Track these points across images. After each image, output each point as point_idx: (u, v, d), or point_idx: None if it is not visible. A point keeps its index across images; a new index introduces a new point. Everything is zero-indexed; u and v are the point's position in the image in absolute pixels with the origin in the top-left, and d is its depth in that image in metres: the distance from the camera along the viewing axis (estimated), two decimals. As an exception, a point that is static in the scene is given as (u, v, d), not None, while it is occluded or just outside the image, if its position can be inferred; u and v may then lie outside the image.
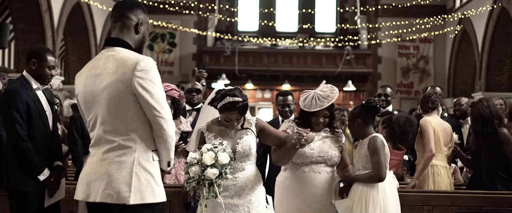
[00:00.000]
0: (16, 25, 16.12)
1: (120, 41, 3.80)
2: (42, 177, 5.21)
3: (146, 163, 3.69)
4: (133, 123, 3.67)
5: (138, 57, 3.68)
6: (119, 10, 3.86)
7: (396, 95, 19.77)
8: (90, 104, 3.76)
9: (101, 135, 3.72)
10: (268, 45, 25.10)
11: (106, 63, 3.72)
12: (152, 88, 3.63)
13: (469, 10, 20.01)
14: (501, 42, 18.95)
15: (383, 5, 22.71)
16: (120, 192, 3.60)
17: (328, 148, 5.25)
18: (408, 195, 6.33)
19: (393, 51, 24.50)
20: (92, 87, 3.74)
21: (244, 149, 4.91)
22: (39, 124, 5.22)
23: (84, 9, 19.15)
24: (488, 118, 6.81)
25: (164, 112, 3.67)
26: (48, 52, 5.42)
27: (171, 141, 3.75)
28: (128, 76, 3.61)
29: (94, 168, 3.71)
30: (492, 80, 19.34)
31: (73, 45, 19.83)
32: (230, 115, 4.88)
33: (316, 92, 5.19)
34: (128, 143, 3.67)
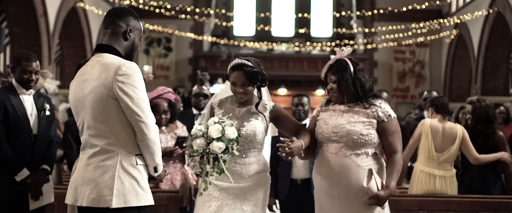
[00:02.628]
0: (12, 29, 16.11)
1: (109, 47, 3.85)
2: (19, 178, 5.30)
3: (129, 167, 3.70)
4: (116, 127, 3.70)
5: (121, 61, 3.72)
6: (109, 17, 3.92)
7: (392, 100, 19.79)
8: (78, 109, 3.82)
9: (87, 139, 3.78)
10: (264, 49, 25.11)
11: (93, 68, 3.78)
12: (133, 92, 3.65)
13: (465, 14, 20.04)
14: (497, 47, 18.98)
15: (379, 10, 22.73)
16: (102, 196, 3.64)
17: (346, 122, 4.50)
18: (403, 200, 6.32)
19: (389, 56, 24.52)
20: (80, 92, 3.80)
21: (247, 133, 4.66)
22: (20, 127, 5.34)
23: (80, 14, 19.14)
24: (492, 119, 6.81)
25: (145, 116, 3.68)
26: (24, 58, 5.51)
27: (153, 145, 3.75)
28: (109, 80, 3.65)
29: (81, 172, 3.76)
30: (488, 85, 19.37)
31: (68, 49, 19.81)
32: (236, 78, 4.70)
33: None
34: (111, 147, 3.70)
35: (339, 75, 4.52)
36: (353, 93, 4.52)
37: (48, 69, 15.75)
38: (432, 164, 6.54)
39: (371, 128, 4.47)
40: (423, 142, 6.56)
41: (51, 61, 16.88)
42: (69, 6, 18.11)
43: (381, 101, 4.57)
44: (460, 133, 6.52)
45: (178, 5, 22.35)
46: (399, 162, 4.53)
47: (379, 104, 4.52)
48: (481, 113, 6.80)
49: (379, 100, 4.57)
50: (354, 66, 4.55)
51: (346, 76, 4.50)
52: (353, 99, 4.54)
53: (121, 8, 3.98)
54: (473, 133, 6.74)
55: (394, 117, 4.53)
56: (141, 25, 4.01)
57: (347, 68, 4.51)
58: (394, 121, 4.54)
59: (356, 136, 4.43)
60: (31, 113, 5.45)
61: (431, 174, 6.53)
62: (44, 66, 15.94)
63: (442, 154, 6.52)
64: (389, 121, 4.50)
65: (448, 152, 6.50)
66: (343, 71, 4.51)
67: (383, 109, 4.50)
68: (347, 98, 4.55)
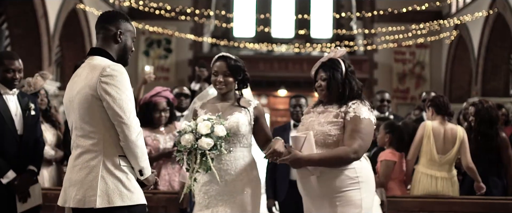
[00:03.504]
0: (12, 30, 16.10)
1: (101, 51, 3.90)
2: (5, 180, 5.20)
3: (112, 167, 3.73)
4: (100, 128, 3.73)
5: (107, 63, 3.78)
6: (99, 22, 3.98)
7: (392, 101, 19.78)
8: (68, 110, 3.89)
9: (74, 140, 3.83)
10: (264, 51, 25.10)
11: (83, 70, 3.85)
12: (116, 93, 3.69)
13: (465, 15, 20.02)
14: (497, 48, 18.96)
15: (379, 11, 22.71)
16: (86, 197, 3.68)
17: (317, 123, 4.40)
18: (405, 201, 6.31)
19: (389, 57, 24.50)
20: (69, 93, 3.87)
21: (231, 125, 4.68)
22: (4, 128, 5.23)
23: (80, 15, 19.13)
24: (495, 120, 6.79)
25: (126, 117, 3.69)
26: (6, 56, 5.46)
27: (135, 148, 3.75)
28: (94, 81, 3.71)
29: (68, 174, 3.82)
30: (488, 85, 19.34)
31: (69, 51, 19.80)
32: (218, 67, 4.80)
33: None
34: (95, 147, 3.73)
35: (330, 73, 4.44)
36: (340, 93, 4.42)
37: (48, 70, 15.75)
38: (434, 166, 6.51)
39: (339, 128, 4.32)
40: (425, 144, 6.52)
41: (51, 62, 16.87)
42: (69, 8, 18.11)
43: (359, 102, 4.38)
44: (460, 135, 6.50)
45: (178, 7, 22.33)
46: (340, 152, 4.20)
47: (352, 104, 4.35)
48: (484, 115, 6.78)
49: (358, 101, 4.38)
50: (346, 67, 4.48)
51: (337, 75, 4.42)
52: (338, 99, 4.43)
53: (110, 12, 4.05)
54: (477, 135, 6.73)
55: (363, 118, 4.28)
56: (133, 26, 4.04)
57: (339, 68, 4.44)
58: (362, 121, 4.28)
59: (323, 136, 4.31)
60: (15, 113, 5.35)
61: (433, 176, 6.49)
62: (44, 68, 15.94)
63: (444, 156, 6.49)
64: (353, 119, 4.28)
65: (449, 154, 6.48)
66: (335, 70, 4.44)
67: (353, 108, 4.32)
68: (333, 97, 4.45)
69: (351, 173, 4.26)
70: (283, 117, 24.40)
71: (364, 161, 4.39)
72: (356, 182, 4.26)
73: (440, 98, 6.73)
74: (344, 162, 4.25)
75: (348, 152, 4.20)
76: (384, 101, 8.53)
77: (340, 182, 4.25)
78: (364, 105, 4.36)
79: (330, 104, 4.44)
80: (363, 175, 4.29)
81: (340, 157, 4.21)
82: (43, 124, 6.66)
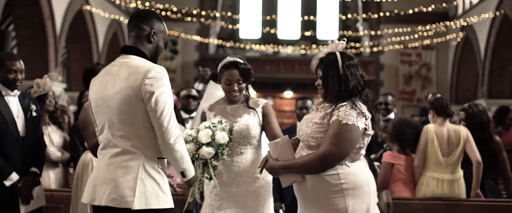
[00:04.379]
0: (19, 32, 16.14)
1: (135, 49, 3.88)
2: (8, 183, 5.16)
3: (151, 170, 3.72)
4: (141, 129, 3.73)
5: (150, 65, 3.77)
6: (133, 20, 3.95)
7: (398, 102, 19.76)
8: (101, 108, 3.83)
9: (109, 139, 3.78)
10: (270, 52, 25.11)
11: (120, 69, 3.80)
12: (159, 96, 3.68)
13: (472, 17, 19.99)
14: (504, 49, 18.91)
15: (385, 12, 22.68)
16: (124, 197, 3.64)
17: (305, 124, 4.13)
18: (410, 203, 6.31)
19: (395, 58, 24.48)
20: (104, 92, 3.81)
21: (241, 128, 4.68)
22: (6, 130, 5.18)
23: (87, 17, 19.17)
24: (486, 124, 6.78)
25: (166, 122, 3.69)
26: (8, 57, 5.40)
27: (174, 152, 3.74)
28: (138, 83, 3.68)
29: (101, 172, 3.76)
30: (494, 87, 19.30)
31: (75, 52, 19.84)
32: (231, 76, 4.74)
33: None
34: (135, 149, 3.71)
35: (325, 71, 4.09)
36: (338, 91, 4.05)
37: (54, 71, 15.79)
38: (440, 169, 6.48)
39: (324, 131, 3.99)
40: (429, 148, 6.48)
41: (57, 63, 16.90)
42: (76, 9, 18.15)
43: (351, 104, 3.98)
44: (464, 134, 6.48)
45: (184, 8, 22.37)
46: (306, 159, 3.95)
47: (340, 106, 3.98)
48: (476, 120, 6.78)
49: (350, 104, 3.99)
50: (344, 61, 4.07)
51: (332, 72, 4.05)
52: (338, 98, 4.05)
53: (145, 11, 4.03)
54: None
55: (344, 123, 3.89)
56: (165, 27, 4.03)
57: (335, 64, 4.05)
58: (342, 127, 3.90)
59: (307, 138, 4.05)
60: (17, 115, 5.29)
61: (439, 179, 6.47)
62: (50, 69, 15.98)
63: (449, 158, 6.47)
64: (333, 123, 3.93)
65: (454, 155, 6.46)
66: (330, 67, 4.06)
67: (338, 112, 3.95)
68: (333, 95, 4.10)
69: (333, 179, 3.95)
70: (289, 119, 24.37)
71: (354, 165, 4.04)
72: (339, 189, 3.94)
73: (439, 100, 6.72)
74: (313, 170, 3.96)
75: (315, 159, 3.90)
76: (382, 104, 8.56)
77: (321, 189, 3.97)
78: (354, 109, 3.96)
79: (325, 103, 4.14)
80: (349, 181, 3.95)
81: (307, 164, 3.94)
82: (50, 126, 6.68)
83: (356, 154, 4.04)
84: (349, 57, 4.13)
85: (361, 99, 4.05)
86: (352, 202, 3.96)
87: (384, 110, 8.60)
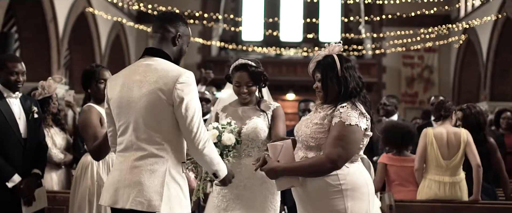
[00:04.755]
0: (21, 34, 16.17)
1: (160, 52, 3.85)
2: (10, 184, 5.17)
3: (176, 174, 3.71)
4: (168, 133, 3.71)
5: (180, 70, 3.74)
6: (159, 21, 3.92)
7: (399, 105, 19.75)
8: (124, 110, 3.77)
9: (133, 142, 3.73)
10: (272, 54, 25.13)
11: (147, 71, 3.76)
12: (190, 102, 3.68)
13: (474, 19, 20.00)
14: (506, 52, 18.93)
15: (388, 15, 22.69)
16: (151, 200, 3.62)
17: (304, 124, 4.11)
18: (412, 205, 6.31)
19: (398, 61, 24.49)
20: (129, 93, 3.76)
21: (249, 131, 4.68)
22: (8, 131, 5.20)
23: (89, 19, 19.21)
24: (482, 126, 6.80)
25: (196, 128, 3.69)
26: (9, 59, 5.41)
27: (203, 156, 3.78)
28: (169, 87, 3.65)
29: (124, 174, 3.71)
30: (496, 90, 19.31)
31: (77, 54, 19.87)
32: (240, 78, 4.75)
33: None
34: (161, 152, 3.69)
35: (324, 73, 4.09)
36: (337, 93, 4.04)
37: (57, 73, 15.82)
38: (441, 172, 6.48)
39: (324, 131, 3.98)
40: (429, 152, 6.49)
41: (60, 65, 16.93)
42: (78, 11, 18.19)
43: (351, 105, 3.98)
44: (464, 137, 6.49)
45: (186, 10, 22.39)
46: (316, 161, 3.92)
47: (341, 107, 3.97)
48: (472, 120, 6.79)
49: (350, 104, 3.99)
50: (342, 63, 4.08)
51: (331, 74, 4.05)
52: (337, 100, 4.04)
53: (171, 13, 3.99)
54: None
55: (348, 124, 3.90)
56: (190, 31, 4.00)
57: (334, 66, 4.06)
58: (346, 128, 3.91)
59: (306, 138, 4.03)
60: (19, 116, 5.30)
61: (441, 182, 6.47)
62: (53, 71, 16.02)
63: (450, 161, 6.47)
64: (337, 125, 3.93)
65: (455, 158, 6.47)
66: (329, 69, 4.07)
67: (340, 113, 3.95)
68: (331, 98, 4.09)
69: (332, 180, 3.94)
70: (292, 121, 24.31)
71: (353, 166, 4.04)
72: (339, 190, 3.94)
73: (441, 103, 6.76)
74: (321, 172, 3.94)
75: (324, 161, 3.89)
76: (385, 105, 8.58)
77: (320, 190, 3.97)
78: (354, 110, 3.97)
79: (325, 104, 4.12)
80: (348, 182, 3.95)
81: (315, 166, 3.92)
82: (53, 128, 6.69)
83: (355, 155, 4.05)
84: (346, 59, 4.14)
85: (359, 100, 4.04)
86: (351, 203, 3.95)
87: (387, 111, 8.61)
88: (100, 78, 5.26)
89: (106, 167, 5.23)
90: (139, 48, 24.22)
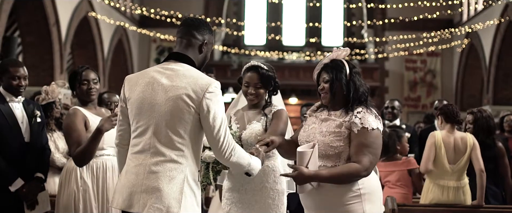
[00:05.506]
0: (24, 38, 16.19)
1: (185, 57, 3.83)
2: (13, 188, 5.19)
3: (192, 182, 3.70)
4: (190, 140, 3.68)
5: (209, 79, 3.73)
6: (187, 28, 3.89)
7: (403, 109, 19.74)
8: (146, 111, 3.72)
9: (152, 145, 3.68)
10: (275, 59, 25.11)
11: (174, 76, 3.72)
12: (218, 112, 3.67)
13: (477, 24, 19.99)
14: (509, 56, 18.90)
15: (390, 19, 22.69)
16: (170, 208, 3.58)
17: (318, 132, 4.11)
18: (414, 210, 6.31)
19: (400, 65, 24.48)
20: (152, 95, 3.72)
21: (247, 136, 4.64)
22: (11, 135, 5.22)
23: (92, 23, 19.23)
24: (493, 130, 6.80)
25: (223, 137, 3.69)
26: (11, 64, 5.43)
27: (229, 163, 3.82)
28: (198, 95, 3.63)
29: (141, 179, 3.66)
30: (499, 94, 19.29)
31: (80, 58, 19.86)
32: (250, 78, 4.75)
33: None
34: (181, 159, 3.66)
35: (333, 74, 4.10)
36: (344, 96, 4.08)
37: (60, 78, 15.83)
38: (446, 176, 6.47)
39: (342, 139, 4.01)
40: (437, 156, 6.48)
41: (63, 70, 16.95)
42: (81, 15, 18.21)
43: (365, 109, 4.04)
44: (470, 142, 6.48)
45: (189, 15, 22.40)
46: (351, 169, 3.94)
47: (357, 113, 4.01)
48: (483, 124, 6.79)
49: (364, 108, 4.05)
50: (350, 68, 4.15)
51: (340, 76, 4.09)
52: (343, 104, 4.10)
53: (200, 20, 3.96)
54: None
55: (371, 129, 3.97)
56: (214, 39, 4.02)
57: (342, 69, 4.11)
58: (370, 134, 3.97)
59: (324, 147, 4.04)
60: (22, 120, 5.34)
61: (444, 186, 6.46)
62: (55, 75, 16.03)
63: (455, 165, 6.46)
64: (361, 132, 3.96)
65: (460, 162, 6.46)
66: (338, 71, 4.11)
67: (359, 119, 3.99)
68: (337, 101, 4.12)
69: (352, 186, 4.00)
70: (294, 125, 24.24)
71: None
72: (358, 194, 4.00)
73: (449, 107, 6.71)
74: (354, 180, 3.99)
75: (359, 170, 3.93)
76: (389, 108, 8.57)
77: (341, 195, 4.01)
78: (370, 113, 4.03)
79: (334, 110, 4.14)
80: (365, 186, 4.02)
81: (350, 174, 3.95)
82: (56, 132, 6.72)
83: None
84: (353, 65, 4.19)
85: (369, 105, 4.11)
86: (369, 206, 4.00)
87: (391, 115, 8.61)
88: (83, 80, 5.25)
89: (90, 172, 5.20)
90: (141, 52, 24.26)
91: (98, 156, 5.16)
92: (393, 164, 6.77)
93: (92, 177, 5.16)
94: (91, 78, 5.27)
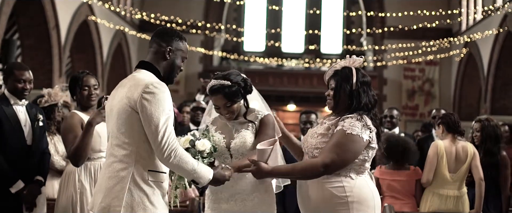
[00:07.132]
0: (24, 41, 16.18)
1: (147, 64, 3.96)
2: (14, 190, 5.27)
3: (140, 181, 3.76)
4: (135, 140, 3.78)
5: (151, 79, 3.83)
6: (153, 37, 4.04)
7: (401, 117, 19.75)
8: (108, 118, 3.97)
9: (109, 148, 3.90)
10: (274, 65, 25.14)
11: (127, 81, 3.91)
12: (154, 111, 3.72)
13: (475, 33, 20.02)
14: (507, 66, 18.92)
15: (389, 27, 22.73)
16: (111, 206, 3.73)
17: (310, 135, 4.17)
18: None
19: (399, 73, 24.50)
20: (111, 101, 3.96)
21: (237, 145, 4.42)
22: (13, 138, 5.29)
23: (91, 27, 19.23)
24: (500, 138, 6.82)
25: (160, 136, 3.71)
26: (17, 67, 5.51)
27: (169, 165, 3.81)
28: (136, 95, 3.75)
29: (99, 180, 3.91)
30: (497, 104, 19.29)
31: (79, 62, 19.86)
32: (216, 101, 4.46)
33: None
34: (127, 158, 3.77)
35: (338, 83, 4.12)
36: (348, 105, 4.09)
37: (59, 81, 15.82)
38: (446, 185, 6.49)
39: (328, 141, 4.03)
40: (438, 165, 6.48)
41: (62, 73, 16.94)
42: (81, 19, 18.21)
43: (357, 116, 4.02)
44: (471, 151, 6.51)
45: (189, 20, 22.43)
46: (308, 164, 4.01)
47: (346, 118, 4.02)
48: (490, 132, 6.81)
49: (357, 116, 4.03)
50: (359, 78, 4.14)
51: (344, 86, 4.10)
52: (346, 111, 4.09)
53: (166, 29, 4.10)
54: (480, 151, 6.73)
55: (348, 133, 3.94)
56: (185, 46, 4.08)
57: (349, 79, 4.11)
58: (346, 136, 3.95)
59: (311, 149, 4.09)
60: (25, 124, 5.42)
61: (444, 195, 6.47)
62: (55, 79, 16.02)
63: (455, 174, 6.48)
64: (337, 132, 3.99)
65: (460, 171, 6.48)
66: (344, 80, 4.11)
67: (343, 123, 4.00)
68: (341, 108, 4.12)
69: (338, 192, 3.96)
70: (292, 132, 24.21)
71: (359, 178, 4.05)
72: (344, 202, 3.95)
73: (451, 116, 6.71)
74: (311, 175, 3.98)
75: (317, 165, 3.93)
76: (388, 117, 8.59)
77: (325, 201, 3.99)
78: (359, 121, 4.00)
79: (334, 116, 4.15)
80: (354, 194, 3.96)
81: (306, 169, 3.99)
82: (56, 135, 6.73)
83: (360, 167, 4.05)
84: (363, 74, 4.19)
85: (369, 116, 4.09)
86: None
87: (389, 123, 8.62)
88: (84, 85, 5.30)
89: (88, 174, 5.24)
90: (141, 57, 24.22)
91: (96, 159, 5.22)
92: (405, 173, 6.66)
93: (90, 180, 5.22)
94: (92, 84, 5.32)
